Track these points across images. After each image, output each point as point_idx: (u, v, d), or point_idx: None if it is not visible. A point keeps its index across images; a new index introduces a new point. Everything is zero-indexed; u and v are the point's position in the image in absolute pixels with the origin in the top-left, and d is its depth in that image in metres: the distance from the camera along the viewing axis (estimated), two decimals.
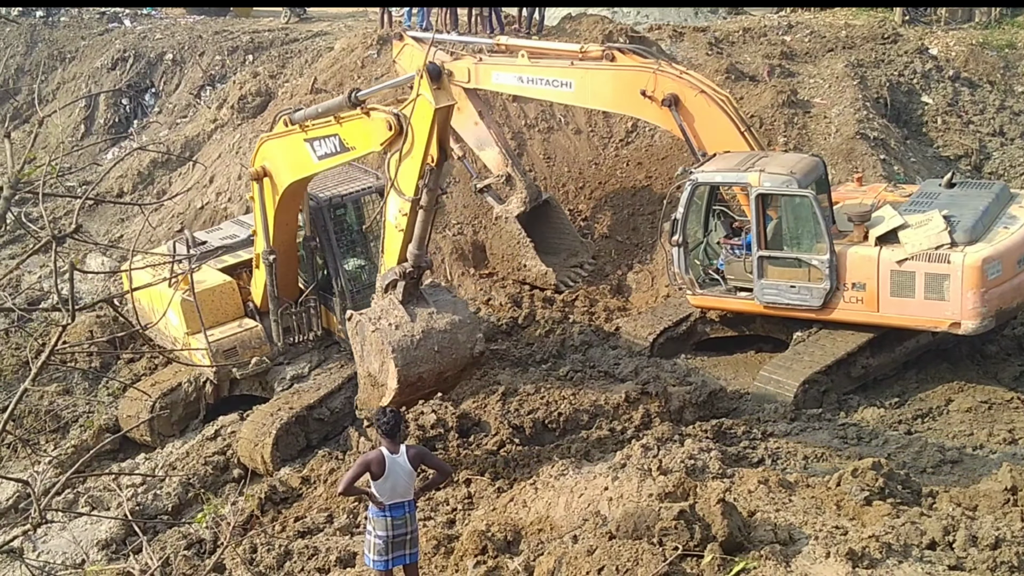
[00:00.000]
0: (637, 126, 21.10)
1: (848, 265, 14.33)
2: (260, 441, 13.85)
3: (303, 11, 30.02)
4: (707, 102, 15.74)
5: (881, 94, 21.60)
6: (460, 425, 13.78)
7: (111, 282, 18.92)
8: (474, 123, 18.50)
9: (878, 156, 19.38)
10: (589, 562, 9.30)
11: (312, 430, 14.33)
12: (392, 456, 9.54)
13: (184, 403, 15.11)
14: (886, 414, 13.89)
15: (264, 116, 22.88)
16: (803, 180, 14.43)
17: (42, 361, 6.63)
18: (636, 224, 19.77)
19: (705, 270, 15.79)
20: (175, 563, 11.67)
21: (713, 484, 10.76)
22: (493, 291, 18.52)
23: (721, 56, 22.44)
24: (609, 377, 15.42)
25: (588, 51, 16.98)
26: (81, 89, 27.02)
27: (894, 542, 9.80)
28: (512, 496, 11.78)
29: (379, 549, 9.61)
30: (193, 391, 15.14)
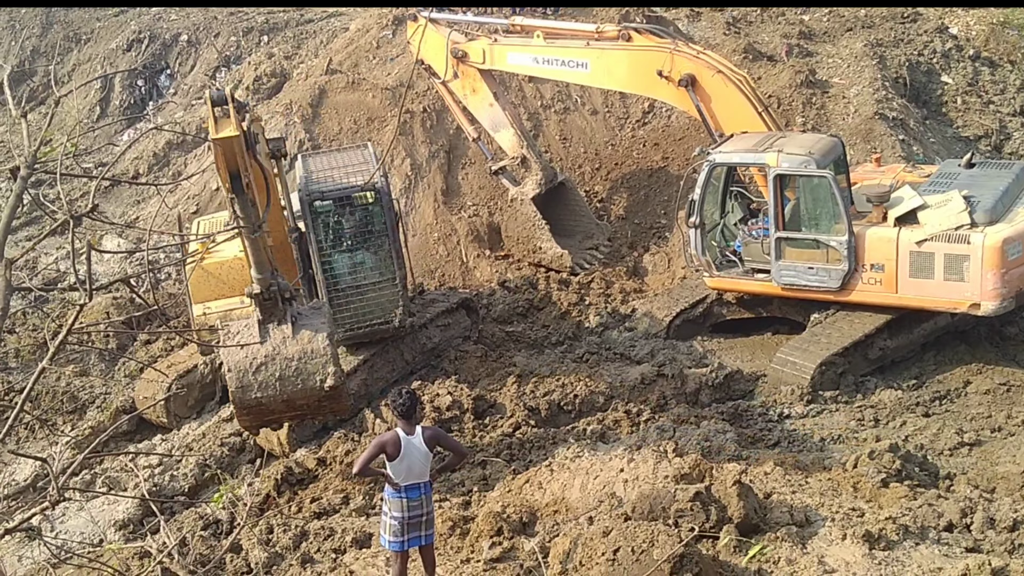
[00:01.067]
0: (654, 107, 20.98)
1: (867, 246, 14.23)
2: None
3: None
4: (724, 82, 15.63)
5: (900, 74, 21.40)
6: (476, 407, 13.79)
7: (127, 263, 18.95)
8: (489, 104, 18.42)
9: (897, 136, 19.22)
10: (605, 543, 9.28)
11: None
12: (408, 437, 9.53)
13: (200, 385, 15.14)
14: (904, 396, 13.82)
15: (279, 97, 22.85)
16: (821, 160, 14.33)
17: (60, 340, 6.63)
18: (652, 205, 19.69)
19: (722, 252, 15.71)
20: (192, 543, 11.71)
21: (729, 466, 10.74)
22: (509, 273, 18.48)
23: (739, 35, 22.28)
24: (625, 359, 15.40)
25: (604, 31, 16.86)
26: (96, 70, 27.03)
27: (911, 524, 9.78)
28: (528, 478, 11.78)
29: (395, 530, 9.61)
30: (209, 373, 15.16)
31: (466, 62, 18.00)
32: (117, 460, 13.80)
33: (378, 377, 14.83)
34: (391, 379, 14.88)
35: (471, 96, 18.49)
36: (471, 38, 18.05)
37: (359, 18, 25.62)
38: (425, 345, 15.47)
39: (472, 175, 20.49)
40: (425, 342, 15.48)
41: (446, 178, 20.40)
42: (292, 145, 20.72)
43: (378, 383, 14.80)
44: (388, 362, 15.01)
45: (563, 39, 17.25)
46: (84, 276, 6.69)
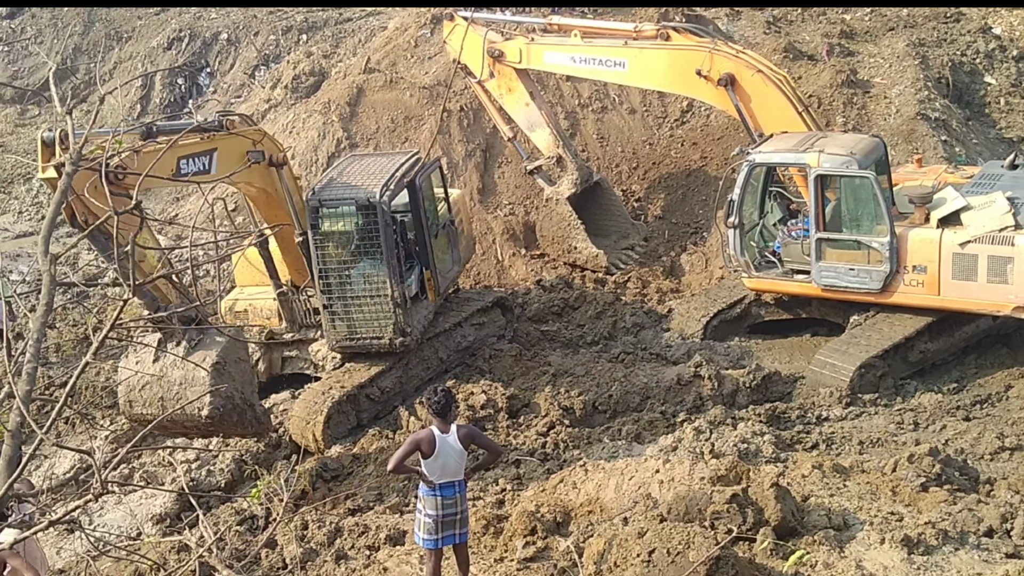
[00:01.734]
0: (692, 106, 20.87)
1: (909, 247, 14.09)
2: (312, 419, 13.90)
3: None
4: (764, 82, 15.52)
5: (943, 74, 21.16)
6: (510, 406, 13.78)
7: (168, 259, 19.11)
8: (525, 104, 18.38)
9: (939, 137, 19.01)
10: (640, 544, 9.23)
11: (363, 409, 14.36)
12: (442, 435, 9.53)
13: None
14: (944, 400, 13.66)
15: (317, 96, 22.95)
16: (863, 161, 14.19)
17: (103, 335, 6.68)
18: (690, 205, 19.59)
19: (761, 252, 15.60)
20: (228, 538, 11.78)
21: (766, 468, 10.65)
22: (544, 272, 18.45)
23: (779, 35, 22.13)
24: (661, 359, 15.33)
25: (642, 30, 16.78)
26: (138, 68, 27.27)
27: (950, 529, 9.65)
28: (562, 477, 11.74)
29: (429, 528, 9.60)
30: None
31: (502, 61, 17.98)
32: (155, 455, 13.90)
33: (412, 375, 14.86)
34: (425, 377, 14.90)
35: (507, 95, 18.47)
36: (508, 37, 18.03)
37: (397, 17, 25.69)
38: (460, 344, 15.47)
39: (508, 174, 20.48)
40: (460, 340, 15.48)
41: (482, 177, 20.42)
42: (330, 144, 20.82)
43: (412, 381, 14.82)
44: (422, 360, 15.03)
45: (601, 38, 17.19)
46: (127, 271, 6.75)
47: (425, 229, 14.63)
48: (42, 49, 28.34)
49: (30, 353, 6.80)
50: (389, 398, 14.60)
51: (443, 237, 15.44)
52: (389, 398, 14.60)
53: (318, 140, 20.87)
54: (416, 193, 14.48)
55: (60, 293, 16.67)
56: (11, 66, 28.79)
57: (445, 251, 15.47)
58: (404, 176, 14.43)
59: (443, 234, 15.44)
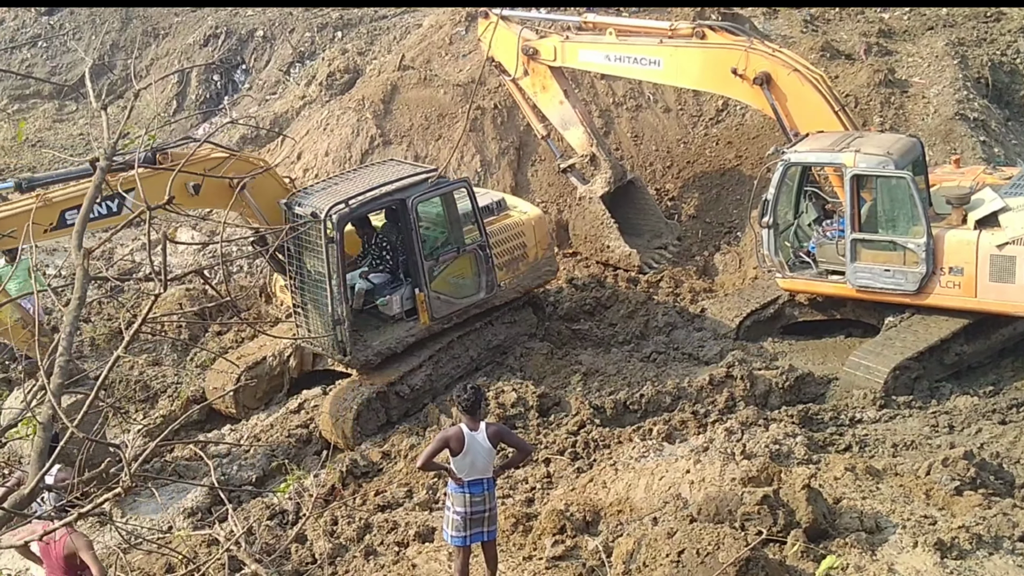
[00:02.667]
0: (728, 104, 20.74)
1: (946, 249, 13.92)
2: (342, 416, 13.95)
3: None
4: (800, 81, 15.39)
5: (982, 74, 20.89)
6: (540, 404, 13.75)
7: (201, 255, 19.23)
8: (559, 102, 18.35)
9: (978, 137, 18.78)
10: (669, 545, 9.19)
11: (392, 406, 14.37)
12: (472, 433, 9.53)
13: (268, 377, 15.27)
14: (980, 403, 13.50)
15: (352, 93, 23.01)
16: (900, 161, 14.05)
17: (135, 329, 6.73)
18: (724, 205, 19.47)
19: (795, 252, 15.47)
20: (258, 532, 11.84)
21: (798, 470, 10.58)
22: (576, 270, 18.40)
23: (816, 33, 21.94)
24: (693, 359, 15.25)
25: (678, 29, 16.69)
26: (174, 65, 27.44)
27: (984, 533, 9.54)
28: (592, 476, 11.71)
29: (457, 525, 9.61)
30: (277, 365, 15.30)
31: (537, 59, 17.94)
32: (187, 449, 14.00)
33: (443, 373, 14.85)
34: (456, 375, 14.89)
35: (541, 93, 18.44)
36: (542, 35, 18.00)
37: (432, 15, 25.71)
38: (491, 342, 15.45)
39: (541, 172, 20.44)
40: (491, 339, 15.46)
41: (515, 175, 20.38)
42: (364, 141, 20.86)
43: (443, 379, 14.82)
44: (453, 358, 15.02)
45: (636, 36, 17.12)
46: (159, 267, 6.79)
47: (418, 250, 14.17)
48: (80, 45, 28.61)
49: (62, 347, 6.86)
50: (419, 395, 14.60)
51: (463, 261, 14.76)
52: (419, 395, 14.60)
53: (352, 137, 20.92)
54: (407, 214, 14.02)
55: (94, 288, 16.82)
56: (49, 62, 29.07)
57: (465, 276, 14.85)
58: (385, 195, 14.06)
59: (463, 258, 14.75)
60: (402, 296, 14.51)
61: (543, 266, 15.86)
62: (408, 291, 14.51)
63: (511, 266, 15.35)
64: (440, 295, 14.56)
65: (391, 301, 14.48)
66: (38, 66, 28.95)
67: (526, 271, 15.58)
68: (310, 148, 21.44)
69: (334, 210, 13.52)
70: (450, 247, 14.75)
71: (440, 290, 14.57)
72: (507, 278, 15.26)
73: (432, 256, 14.49)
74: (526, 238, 15.56)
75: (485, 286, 14.92)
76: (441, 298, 14.57)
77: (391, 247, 14.74)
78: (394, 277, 14.78)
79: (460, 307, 14.82)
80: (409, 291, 14.50)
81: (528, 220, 15.79)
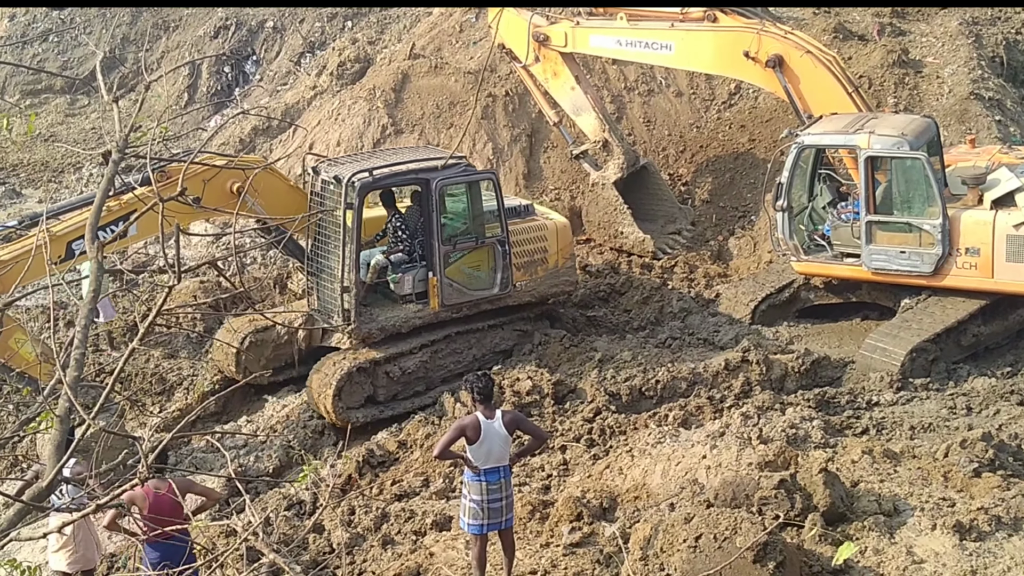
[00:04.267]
0: (740, 88, 20.66)
1: (961, 230, 13.85)
2: (323, 390, 13.93)
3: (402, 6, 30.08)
4: (813, 63, 15.31)
5: (997, 53, 20.73)
6: (556, 392, 13.73)
7: (214, 247, 19.26)
8: (570, 88, 18.29)
9: (993, 117, 18.64)
10: (686, 530, 9.17)
11: (380, 384, 14.31)
12: (487, 421, 9.52)
13: (275, 344, 15.13)
14: (997, 384, 13.43)
15: (363, 82, 23.00)
16: (915, 142, 13.96)
17: (149, 322, 6.73)
18: (738, 188, 19.40)
19: (810, 235, 15.39)
20: (276, 523, 11.87)
21: (815, 454, 10.54)
22: (590, 257, 18.36)
23: (828, 15, 21.80)
24: (708, 344, 15.20)
25: (689, 12, 16.60)
26: (185, 57, 27.51)
27: (1004, 515, 9.50)
28: (608, 463, 11.70)
29: (474, 513, 9.61)
30: (286, 333, 15.22)
31: (548, 45, 17.88)
32: (204, 440, 14.03)
33: (439, 364, 14.80)
34: (455, 370, 14.75)
35: (552, 80, 18.38)
36: (552, 21, 17.93)
37: None
38: (498, 345, 15.24)
39: (554, 159, 20.40)
40: (498, 342, 15.26)
41: (528, 162, 20.35)
42: (375, 130, 20.87)
43: (439, 371, 14.78)
44: (454, 352, 14.93)
45: (647, 20, 17.03)
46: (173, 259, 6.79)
47: (436, 233, 14.20)
48: (91, 39, 28.66)
49: (78, 340, 6.87)
50: (411, 381, 14.52)
51: (480, 253, 14.77)
52: (411, 381, 14.52)
53: (363, 127, 20.92)
54: (430, 195, 14.11)
55: (110, 280, 16.86)
56: (61, 56, 29.16)
57: (481, 268, 14.84)
58: (409, 172, 14.26)
59: (482, 250, 14.77)
60: (415, 277, 14.52)
61: (562, 275, 15.64)
62: (422, 273, 14.51)
63: (529, 268, 15.23)
64: (453, 283, 14.54)
65: (403, 280, 14.52)
66: (50, 61, 29.05)
67: (544, 276, 15.40)
68: (321, 138, 21.45)
69: (357, 177, 13.76)
70: (470, 236, 14.74)
71: (454, 278, 14.56)
72: (524, 279, 15.17)
73: (449, 242, 14.48)
74: (548, 243, 15.38)
75: (500, 282, 14.82)
76: (454, 286, 14.54)
77: (411, 228, 14.75)
78: (410, 258, 14.79)
79: (472, 299, 14.76)
80: (423, 274, 14.49)
81: (553, 225, 15.62)
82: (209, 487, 10.27)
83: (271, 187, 14.42)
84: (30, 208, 23.72)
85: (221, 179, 13.35)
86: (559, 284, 15.67)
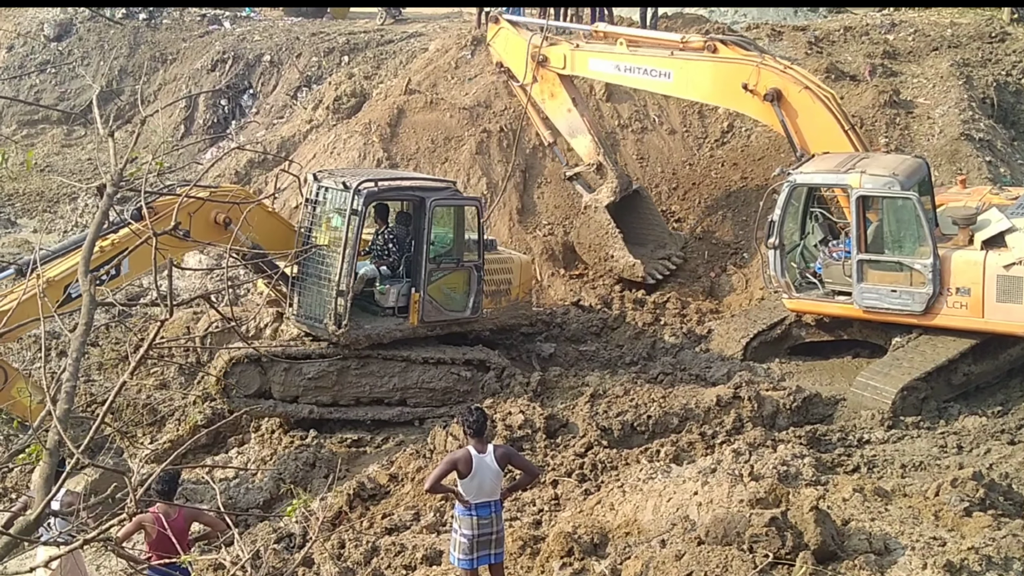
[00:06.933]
0: (733, 126, 20.80)
1: (952, 269, 13.92)
2: (216, 363, 14.60)
3: (399, 12, 30.27)
4: (811, 98, 15.41)
5: (987, 94, 20.94)
6: (548, 426, 13.72)
7: (208, 279, 19.27)
8: (567, 110, 18.32)
9: (983, 158, 18.79)
10: (677, 567, 9.16)
11: (276, 381, 14.66)
12: (479, 455, 9.52)
13: None
14: (988, 423, 13.45)
15: (358, 117, 23.11)
16: (906, 182, 14.06)
17: (141, 354, 6.75)
18: (730, 225, 19.48)
19: (802, 273, 15.46)
20: (265, 556, 11.80)
21: (806, 491, 10.52)
22: (583, 292, 18.40)
23: (821, 55, 22.01)
24: (700, 380, 15.22)
25: (689, 41, 16.70)
26: (181, 90, 27.60)
27: (994, 555, 9.47)
28: (599, 498, 11.67)
29: (464, 548, 9.58)
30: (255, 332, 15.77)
31: (546, 66, 17.95)
32: (194, 472, 13.99)
33: (348, 381, 14.93)
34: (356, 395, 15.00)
35: (549, 101, 18.43)
36: (552, 43, 18.02)
37: (438, 39, 25.85)
38: (422, 382, 15.22)
39: (548, 194, 20.48)
40: (422, 378, 15.22)
41: (522, 197, 20.42)
42: (371, 164, 20.95)
43: (347, 388, 14.94)
44: (368, 375, 15.00)
45: (647, 47, 17.12)
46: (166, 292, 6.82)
47: (423, 251, 14.71)
48: (88, 71, 28.76)
49: (69, 372, 6.86)
50: (305, 392, 14.76)
51: (459, 276, 15.25)
52: (305, 392, 14.76)
53: (359, 161, 21.00)
54: (423, 213, 14.63)
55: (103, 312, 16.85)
56: (58, 88, 29.25)
57: (457, 291, 15.27)
58: (408, 188, 14.99)
59: (460, 273, 15.24)
60: (399, 291, 14.95)
61: (521, 308, 16.34)
62: (406, 288, 14.94)
63: (495, 297, 15.83)
64: (433, 301, 14.98)
65: (388, 292, 14.96)
66: (47, 92, 29.13)
67: (506, 306, 16.03)
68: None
69: (363, 185, 14.30)
70: (452, 258, 15.35)
71: (434, 296, 15.01)
72: (490, 306, 15.70)
73: (435, 261, 15.00)
74: (513, 276, 16.08)
75: (472, 306, 15.35)
76: (433, 304, 14.99)
77: (398, 242, 15.15)
78: (394, 273, 15.24)
79: (446, 319, 15.24)
80: (407, 288, 14.92)
81: (518, 260, 16.47)
82: (216, 518, 10.34)
83: (259, 222, 14.74)
84: (24, 237, 23.76)
85: (205, 211, 13.70)
86: (517, 316, 16.32)
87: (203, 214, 13.63)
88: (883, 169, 14.30)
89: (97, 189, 12.80)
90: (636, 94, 21.44)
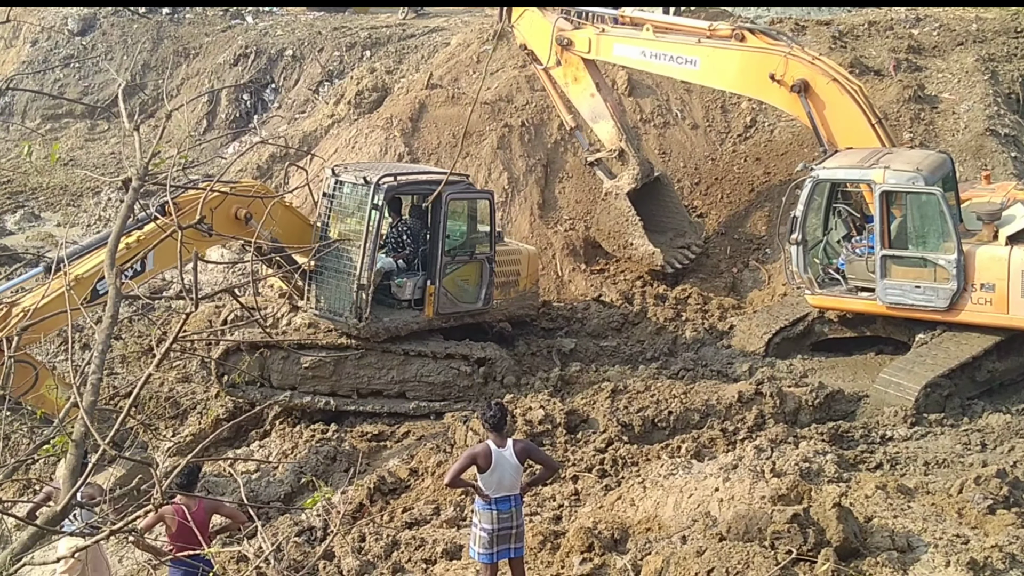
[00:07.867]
0: (756, 121, 20.72)
1: (977, 265, 13.81)
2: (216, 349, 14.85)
3: (420, 7, 30.33)
4: (839, 91, 15.28)
5: (1013, 89, 20.77)
6: (568, 421, 13.71)
7: (231, 272, 19.36)
8: (590, 95, 18.15)
9: (1008, 153, 18.65)
10: (698, 563, 9.14)
11: (275, 368, 14.84)
12: (499, 450, 9.52)
13: None
14: (1012, 420, 13.35)
15: (380, 111, 23.15)
16: (930, 177, 13.95)
17: (166, 347, 6.78)
18: (753, 221, 19.40)
19: (824, 269, 15.37)
20: (286, 549, 11.86)
21: (828, 488, 10.48)
22: (604, 287, 18.36)
23: (845, 50, 21.88)
24: (722, 376, 15.17)
25: (717, 29, 16.54)
26: (204, 84, 27.77)
27: (1018, 552, 9.43)
28: (620, 494, 11.66)
29: (484, 542, 9.59)
30: None
31: (571, 50, 17.83)
32: (216, 465, 14.05)
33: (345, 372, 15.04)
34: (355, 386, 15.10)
35: (572, 85, 18.29)
36: (577, 26, 17.92)
37: (460, 33, 25.86)
38: (420, 375, 15.23)
39: (569, 189, 20.46)
40: (420, 371, 15.23)
41: (543, 192, 20.40)
42: (392, 159, 20.99)
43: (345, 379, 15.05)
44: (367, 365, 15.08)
45: (674, 34, 16.99)
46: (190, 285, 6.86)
47: (439, 244, 14.88)
48: (112, 65, 28.95)
49: (95, 364, 6.92)
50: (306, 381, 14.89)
51: (471, 268, 15.42)
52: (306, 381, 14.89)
53: (380, 155, 21.04)
54: (439, 207, 14.79)
55: (127, 305, 16.96)
56: (82, 82, 29.45)
57: (470, 282, 15.45)
58: (425, 183, 15.10)
59: (472, 265, 15.42)
60: (415, 284, 15.10)
61: (528, 299, 16.56)
62: (422, 281, 15.10)
63: (504, 288, 16.08)
64: (447, 293, 15.15)
65: (405, 285, 15.10)
66: (71, 86, 29.34)
67: (514, 298, 16.29)
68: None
69: (384, 180, 14.52)
70: (465, 250, 15.51)
71: (448, 288, 15.17)
72: (499, 298, 15.97)
73: (449, 254, 15.14)
74: (521, 267, 16.34)
75: (483, 297, 15.54)
76: (448, 296, 15.16)
77: (413, 235, 15.30)
78: (409, 266, 15.39)
79: (459, 311, 15.41)
80: (423, 281, 15.08)
81: (526, 252, 16.71)
82: (236, 509, 10.42)
83: (280, 217, 14.88)
84: (48, 231, 23.93)
85: (226, 206, 13.82)
86: (524, 307, 16.55)
87: (223, 209, 13.75)
88: (907, 164, 14.20)
89: (122, 183, 12.88)
90: (659, 88, 21.38)
